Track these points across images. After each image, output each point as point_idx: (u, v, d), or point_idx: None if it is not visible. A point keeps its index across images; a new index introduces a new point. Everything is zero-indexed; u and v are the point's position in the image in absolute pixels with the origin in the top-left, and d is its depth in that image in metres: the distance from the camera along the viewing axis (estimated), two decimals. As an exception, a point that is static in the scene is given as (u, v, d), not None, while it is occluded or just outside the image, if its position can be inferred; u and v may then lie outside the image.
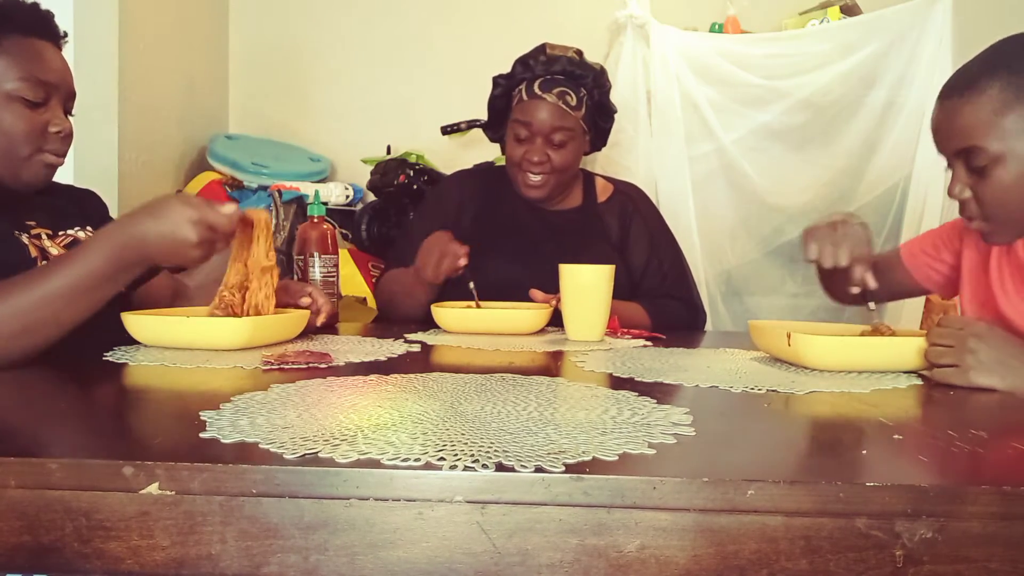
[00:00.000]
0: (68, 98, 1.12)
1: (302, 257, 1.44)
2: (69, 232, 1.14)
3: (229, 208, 0.97)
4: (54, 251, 1.08)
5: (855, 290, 1.13)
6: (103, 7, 2.02)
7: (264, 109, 2.88)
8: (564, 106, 1.52)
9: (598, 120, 1.62)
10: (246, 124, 2.86)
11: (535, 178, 1.56)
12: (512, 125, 1.57)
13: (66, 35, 1.14)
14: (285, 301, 1.24)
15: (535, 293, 1.36)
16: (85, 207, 1.23)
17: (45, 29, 1.09)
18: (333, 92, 2.88)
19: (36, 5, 1.10)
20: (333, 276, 1.45)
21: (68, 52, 1.15)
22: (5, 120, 1.04)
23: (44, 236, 1.10)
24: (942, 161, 1.11)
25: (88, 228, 1.18)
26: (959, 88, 1.05)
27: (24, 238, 1.06)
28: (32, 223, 1.10)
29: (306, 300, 1.24)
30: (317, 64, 2.89)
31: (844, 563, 0.48)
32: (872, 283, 1.11)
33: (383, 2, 2.87)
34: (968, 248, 1.24)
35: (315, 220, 1.46)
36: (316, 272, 1.42)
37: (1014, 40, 1.05)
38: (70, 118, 1.13)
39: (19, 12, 1.07)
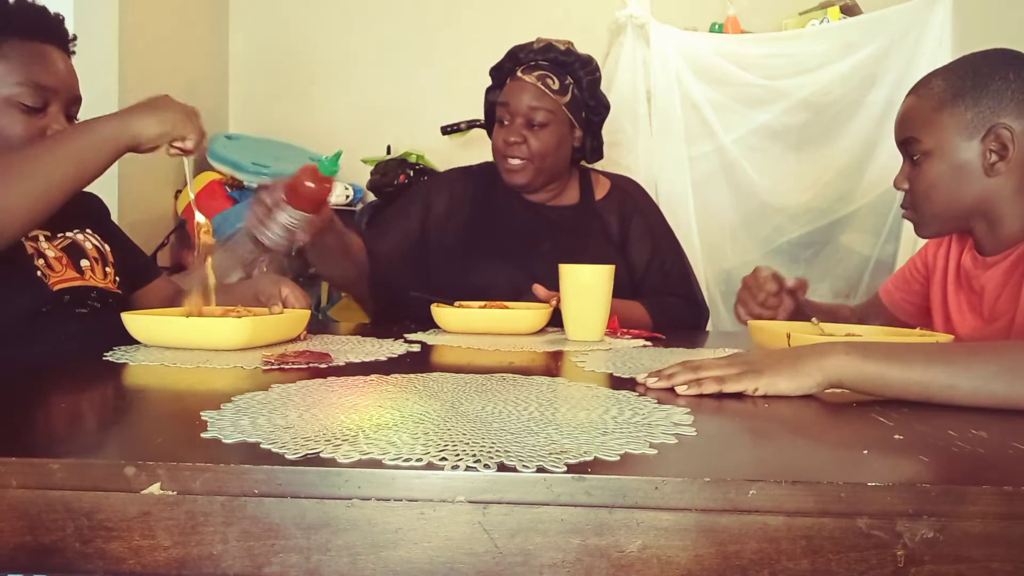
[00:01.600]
0: (71, 103, 1.11)
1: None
2: (68, 234, 1.13)
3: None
4: (51, 253, 1.08)
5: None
6: (103, 7, 2.02)
7: (264, 109, 2.88)
8: (543, 87, 1.51)
9: (589, 114, 1.59)
10: (246, 124, 2.86)
11: (514, 162, 1.54)
12: (497, 111, 1.57)
13: (75, 38, 1.13)
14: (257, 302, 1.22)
15: (538, 288, 1.35)
16: (85, 209, 1.23)
17: (50, 32, 1.08)
18: (333, 92, 2.88)
19: (43, 8, 1.09)
20: (296, 228, 1.23)
21: (68, 52, 1.15)
22: (2, 125, 1.04)
23: (42, 238, 1.09)
24: None
25: (88, 230, 1.18)
26: (917, 86, 1.14)
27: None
28: None
29: (276, 309, 1.18)
30: (317, 64, 2.89)
31: (845, 563, 0.48)
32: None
33: (383, 2, 2.87)
34: (934, 282, 1.27)
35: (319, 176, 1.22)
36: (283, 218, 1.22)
37: (983, 52, 1.12)
38: (76, 124, 1.12)
39: (21, 15, 1.07)
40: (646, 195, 1.71)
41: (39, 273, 1.04)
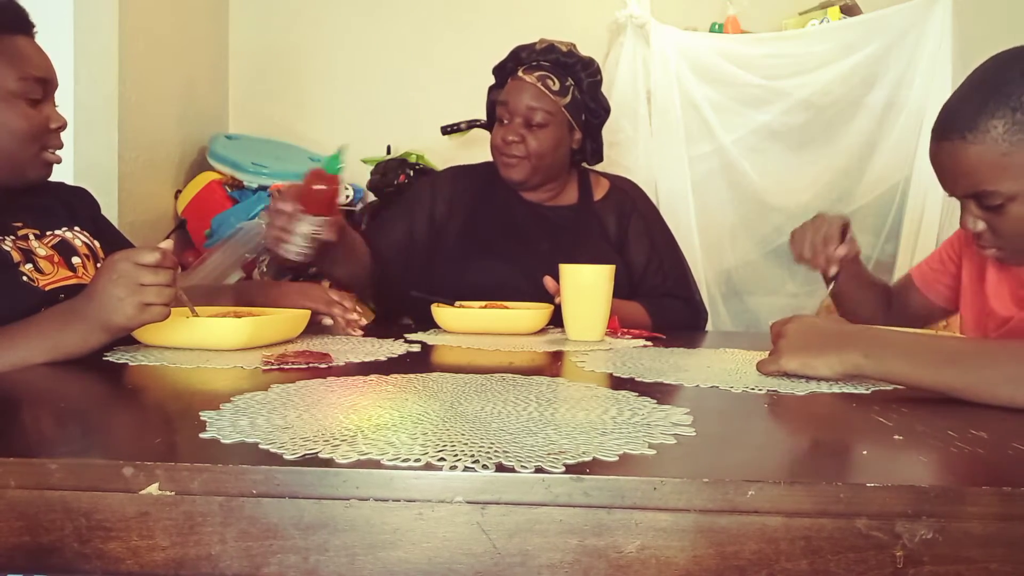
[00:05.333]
0: (54, 90, 1.13)
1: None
2: (57, 232, 1.13)
3: (152, 255, 0.89)
4: (41, 251, 1.08)
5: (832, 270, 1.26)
6: (103, 7, 2.01)
7: (264, 109, 2.87)
8: (543, 88, 1.52)
9: (589, 116, 1.60)
10: (246, 124, 2.86)
11: (510, 159, 1.55)
12: (497, 110, 1.58)
13: (35, 26, 1.14)
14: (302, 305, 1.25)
15: (548, 281, 1.34)
16: (74, 206, 1.23)
17: (25, 24, 1.09)
18: (333, 92, 2.88)
19: (11, 1, 1.10)
20: (319, 234, 1.27)
21: (68, 52, 1.15)
22: (11, 121, 1.05)
23: (31, 236, 1.09)
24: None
25: (76, 228, 1.18)
26: (959, 129, 0.99)
27: (9, 241, 1.06)
28: (19, 224, 1.10)
29: (327, 322, 1.25)
30: (317, 64, 2.89)
31: (844, 564, 0.48)
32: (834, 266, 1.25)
33: (383, 2, 2.87)
34: (966, 259, 1.25)
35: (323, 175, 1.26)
36: (304, 228, 1.25)
37: (1006, 65, 1.00)
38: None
39: (3, 11, 1.07)
40: (644, 196, 1.71)
41: (25, 278, 1.03)
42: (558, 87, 1.53)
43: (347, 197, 2.59)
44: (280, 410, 0.65)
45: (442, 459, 0.51)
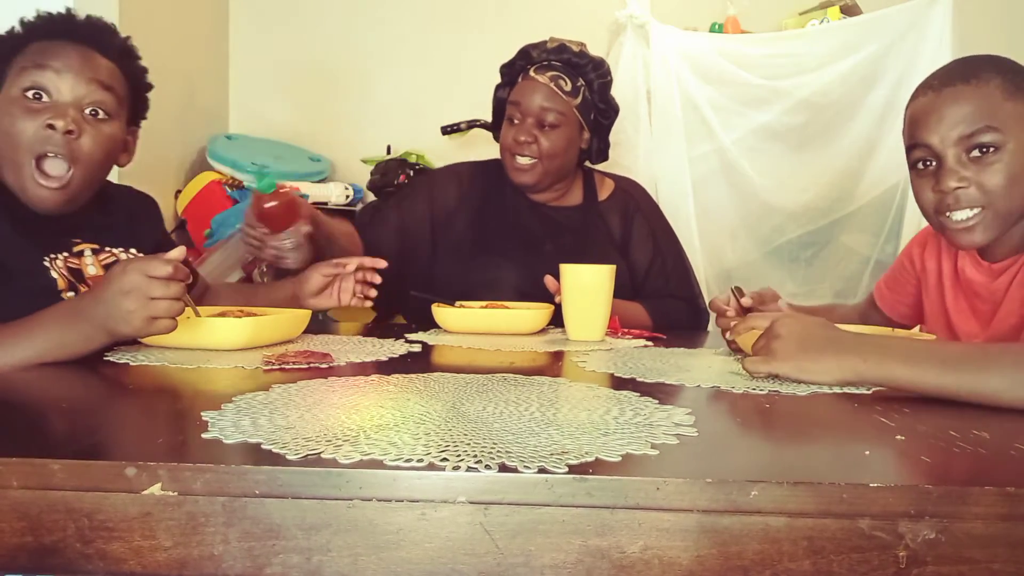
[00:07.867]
0: (85, 100, 1.06)
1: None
2: (113, 251, 1.13)
3: (164, 267, 0.86)
4: (92, 270, 1.07)
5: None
6: (103, 7, 2.01)
7: (264, 109, 2.87)
8: (556, 89, 1.51)
9: (598, 116, 1.59)
10: (246, 124, 2.86)
11: (523, 160, 1.54)
12: (507, 109, 1.57)
13: (127, 38, 1.14)
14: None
15: (549, 280, 1.33)
16: (136, 225, 1.22)
17: (73, 32, 1.07)
18: (333, 92, 2.88)
19: (67, 14, 1.09)
20: (292, 245, 1.33)
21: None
22: (12, 125, 1.02)
23: (88, 252, 1.09)
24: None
25: (132, 250, 1.16)
26: (962, 77, 1.05)
27: (60, 260, 1.05)
28: (77, 240, 1.09)
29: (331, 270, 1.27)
30: (317, 64, 2.89)
31: (847, 564, 0.48)
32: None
33: (383, 2, 2.87)
34: (923, 274, 1.25)
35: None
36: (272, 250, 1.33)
37: (978, 55, 1.09)
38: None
39: (45, 21, 1.07)
40: (648, 197, 1.72)
41: (64, 296, 1.03)
42: (570, 87, 1.52)
43: (347, 197, 2.58)
44: (282, 410, 0.65)
45: (445, 459, 0.51)
